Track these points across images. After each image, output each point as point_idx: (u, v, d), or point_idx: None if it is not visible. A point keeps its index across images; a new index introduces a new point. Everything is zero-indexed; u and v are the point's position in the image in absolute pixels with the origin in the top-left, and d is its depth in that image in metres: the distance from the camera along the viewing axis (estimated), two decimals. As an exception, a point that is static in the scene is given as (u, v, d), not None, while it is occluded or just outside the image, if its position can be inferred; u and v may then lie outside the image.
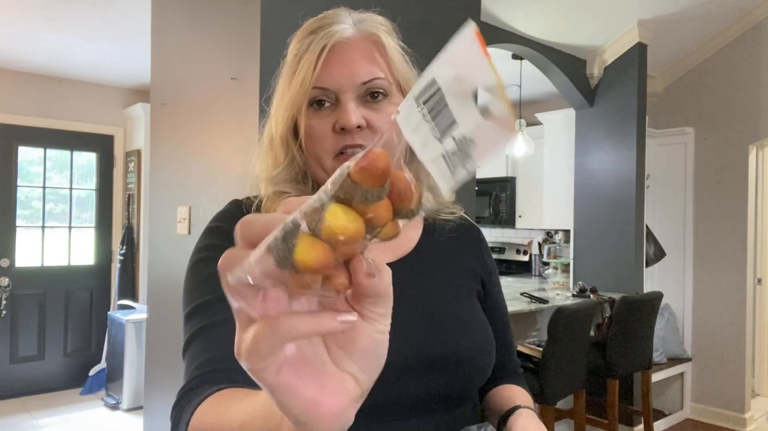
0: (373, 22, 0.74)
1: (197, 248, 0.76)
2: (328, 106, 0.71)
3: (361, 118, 0.69)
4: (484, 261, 0.87)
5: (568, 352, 2.78)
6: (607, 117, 3.93)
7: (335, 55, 0.70)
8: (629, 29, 3.69)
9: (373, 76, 0.70)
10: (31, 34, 3.57)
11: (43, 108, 4.50)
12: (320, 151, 0.71)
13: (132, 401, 4.07)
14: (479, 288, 0.83)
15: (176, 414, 0.61)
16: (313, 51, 0.69)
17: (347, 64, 0.70)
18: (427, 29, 2.21)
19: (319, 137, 0.71)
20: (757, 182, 4.20)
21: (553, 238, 5.09)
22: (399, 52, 0.75)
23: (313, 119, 0.71)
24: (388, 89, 0.72)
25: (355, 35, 0.71)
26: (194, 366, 0.64)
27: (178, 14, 2.31)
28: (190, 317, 0.69)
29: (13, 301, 4.35)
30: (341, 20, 0.72)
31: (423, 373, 0.69)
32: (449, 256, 0.82)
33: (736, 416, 3.94)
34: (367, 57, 0.71)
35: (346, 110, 0.69)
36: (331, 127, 0.70)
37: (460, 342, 0.72)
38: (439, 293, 0.77)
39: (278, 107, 0.74)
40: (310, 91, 0.70)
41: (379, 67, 0.71)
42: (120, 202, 4.93)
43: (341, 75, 0.69)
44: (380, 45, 0.72)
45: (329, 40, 0.69)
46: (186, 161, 2.25)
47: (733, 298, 3.97)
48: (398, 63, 0.74)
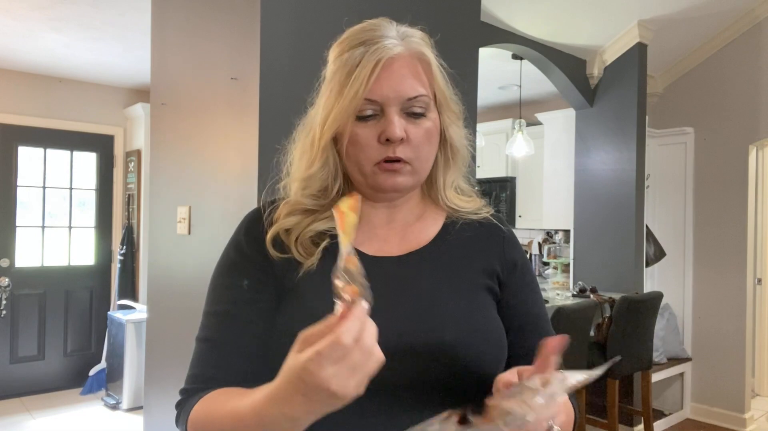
0: (418, 39, 0.79)
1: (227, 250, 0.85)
2: (373, 116, 0.75)
3: (404, 131, 0.75)
4: (505, 258, 0.86)
5: (567, 352, 2.77)
6: (607, 117, 3.93)
7: (385, 70, 0.74)
8: (629, 29, 3.69)
9: (418, 93, 0.76)
10: (31, 34, 3.57)
11: (43, 108, 4.51)
12: (363, 158, 0.76)
13: (132, 401, 4.08)
14: (492, 284, 0.83)
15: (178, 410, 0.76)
16: (366, 65, 0.73)
17: (396, 80, 0.75)
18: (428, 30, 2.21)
19: (363, 145, 0.75)
20: (757, 182, 4.20)
21: (553, 238, 5.09)
22: (440, 70, 0.81)
23: (359, 127, 0.75)
24: (428, 106, 0.78)
25: (404, 52, 0.76)
26: (192, 373, 0.78)
27: (178, 14, 2.31)
28: (206, 316, 0.81)
29: (13, 301, 4.35)
30: (388, 33, 0.76)
31: (404, 358, 0.71)
32: (461, 252, 0.84)
33: (736, 416, 3.94)
34: (415, 74, 0.76)
35: (391, 122, 0.74)
36: (376, 137, 0.75)
37: (446, 331, 0.74)
38: (438, 286, 0.79)
39: (326, 116, 0.77)
40: (361, 103, 0.74)
41: (423, 84, 0.77)
42: (120, 202, 4.93)
43: (390, 89, 0.74)
44: (426, 64, 0.78)
45: (382, 55, 0.74)
46: (186, 161, 2.25)
47: (733, 298, 3.97)
48: (440, 80, 0.80)
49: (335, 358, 0.51)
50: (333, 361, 0.51)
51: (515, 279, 0.86)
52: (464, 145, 0.85)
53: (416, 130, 0.76)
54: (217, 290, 0.81)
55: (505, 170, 5.32)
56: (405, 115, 0.76)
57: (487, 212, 0.88)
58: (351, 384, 0.52)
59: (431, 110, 0.78)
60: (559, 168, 4.38)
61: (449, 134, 0.82)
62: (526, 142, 4.25)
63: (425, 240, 0.84)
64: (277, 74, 1.84)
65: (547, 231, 5.10)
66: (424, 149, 0.77)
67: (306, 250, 0.78)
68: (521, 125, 4.33)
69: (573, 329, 2.79)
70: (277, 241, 0.79)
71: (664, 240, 4.17)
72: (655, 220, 4.26)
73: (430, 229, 0.85)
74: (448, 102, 0.81)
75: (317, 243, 0.78)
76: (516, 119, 4.49)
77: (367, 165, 0.76)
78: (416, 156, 0.76)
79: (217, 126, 2.05)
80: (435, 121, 0.79)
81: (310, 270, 0.76)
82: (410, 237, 0.83)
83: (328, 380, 0.51)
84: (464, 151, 0.85)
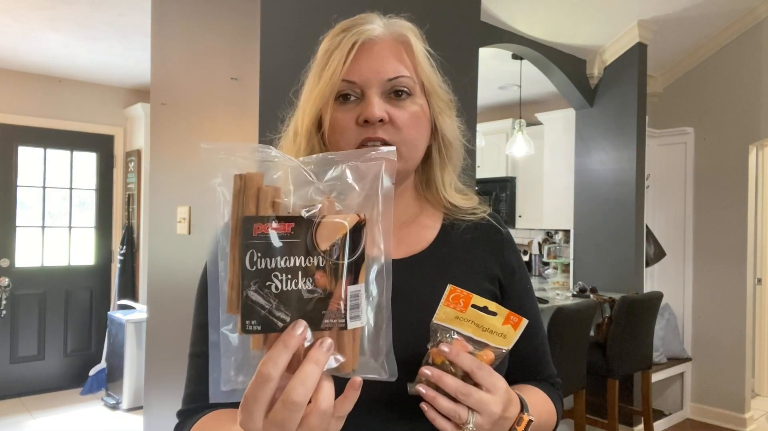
0: (402, 25, 0.77)
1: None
2: (354, 99, 0.73)
3: (384, 112, 0.72)
4: (505, 262, 0.84)
5: (568, 352, 2.78)
6: (607, 117, 3.93)
7: (365, 51, 0.73)
8: (629, 29, 3.69)
9: (399, 74, 0.73)
10: (31, 34, 3.57)
11: (43, 108, 4.51)
12: (343, 143, 0.73)
13: (132, 401, 4.07)
14: (493, 289, 0.82)
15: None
16: (344, 47, 0.72)
17: (375, 61, 0.73)
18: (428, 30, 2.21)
19: (342, 129, 0.73)
20: (757, 182, 4.20)
21: (553, 238, 5.09)
22: (426, 55, 0.78)
23: (338, 112, 0.73)
24: (413, 88, 0.75)
25: (385, 34, 0.75)
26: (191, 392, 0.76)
27: (178, 14, 2.31)
28: (197, 329, 0.78)
29: (13, 301, 4.36)
30: (372, 21, 0.76)
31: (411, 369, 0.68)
32: (462, 257, 0.82)
33: (736, 416, 3.94)
34: (395, 55, 0.74)
35: (370, 103, 0.71)
36: (354, 119, 0.72)
37: None
38: (440, 292, 0.77)
39: (306, 101, 0.76)
40: (338, 84, 0.72)
41: (406, 66, 0.75)
42: (120, 202, 4.93)
43: (369, 70, 0.72)
44: (408, 46, 0.76)
45: (360, 36, 0.73)
46: (186, 161, 2.25)
47: (733, 298, 3.97)
48: (424, 64, 0.77)
49: (291, 427, 0.47)
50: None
51: (515, 286, 0.85)
52: (457, 137, 0.82)
53: (400, 112, 0.73)
54: (206, 300, 0.78)
55: (505, 170, 5.32)
56: (388, 98, 0.73)
57: (483, 212, 0.86)
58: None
59: (417, 95, 0.75)
60: (559, 168, 4.38)
61: (440, 124, 0.79)
62: (526, 142, 4.25)
63: (424, 243, 0.81)
64: (277, 74, 1.84)
65: (547, 231, 5.10)
66: (410, 133, 0.74)
67: None
68: (521, 125, 4.33)
69: (573, 329, 2.79)
70: None
71: (664, 240, 4.17)
72: (655, 220, 4.26)
73: (428, 231, 0.83)
74: (436, 88, 0.78)
75: None
76: (516, 119, 4.49)
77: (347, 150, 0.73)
78: (401, 139, 0.73)
79: (217, 126, 2.05)
80: (423, 107, 0.76)
81: None
82: (408, 240, 0.81)
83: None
84: (458, 144, 0.82)
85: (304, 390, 0.45)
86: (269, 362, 0.46)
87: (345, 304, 0.47)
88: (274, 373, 0.45)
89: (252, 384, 0.47)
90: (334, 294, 0.47)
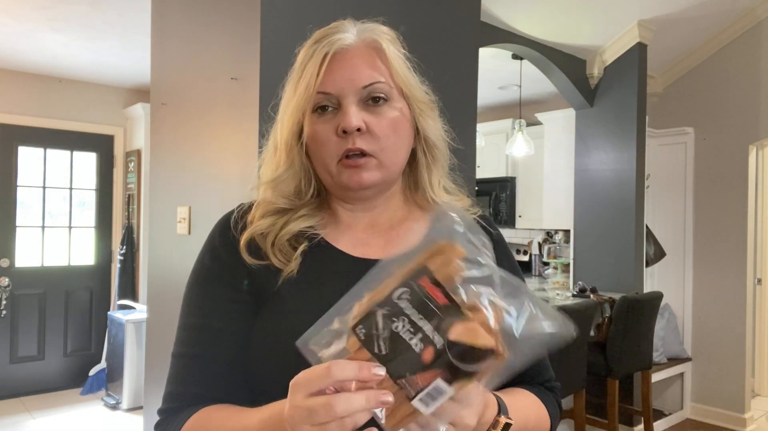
0: (375, 31, 0.77)
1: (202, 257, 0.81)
2: (331, 110, 0.73)
3: (361, 121, 0.71)
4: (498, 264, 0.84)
5: (568, 352, 2.78)
6: (607, 117, 3.93)
7: (337, 61, 0.73)
8: (629, 29, 3.69)
9: (374, 80, 0.73)
10: (31, 34, 3.57)
11: (43, 108, 4.51)
12: (325, 155, 0.74)
13: (132, 401, 4.07)
14: None
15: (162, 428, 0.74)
16: (316, 58, 0.73)
17: (348, 69, 0.73)
18: (428, 30, 2.21)
19: (322, 141, 0.73)
20: (757, 182, 4.20)
21: (553, 238, 5.09)
22: (400, 58, 0.77)
23: (317, 124, 0.73)
24: (389, 93, 0.74)
25: (357, 42, 0.75)
26: (173, 391, 0.76)
27: (178, 14, 2.31)
28: (182, 329, 0.78)
29: (13, 301, 4.36)
30: (345, 29, 0.75)
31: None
32: None
33: (736, 416, 3.94)
34: (368, 62, 0.74)
35: (347, 113, 0.71)
36: (333, 130, 0.72)
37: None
38: None
39: (284, 114, 0.76)
40: (314, 96, 0.72)
41: (380, 72, 0.74)
42: (120, 202, 4.93)
43: (343, 80, 0.72)
44: (381, 51, 0.75)
45: (331, 47, 0.73)
46: (186, 161, 2.25)
47: (733, 298, 3.97)
48: (399, 68, 0.76)
49: (315, 421, 0.50)
50: (312, 422, 0.50)
51: None
52: (441, 137, 0.81)
53: (378, 119, 0.73)
54: (193, 301, 0.78)
55: (505, 170, 5.32)
56: (365, 105, 0.73)
57: (474, 213, 0.85)
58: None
59: (395, 99, 0.75)
60: (559, 168, 4.38)
61: (422, 126, 0.78)
62: (526, 142, 4.25)
63: (414, 240, 0.80)
64: (277, 74, 1.83)
65: (547, 231, 5.10)
66: (389, 140, 0.73)
67: (285, 256, 0.74)
68: (521, 125, 4.33)
69: (573, 329, 2.79)
70: (253, 247, 0.75)
71: (664, 240, 4.17)
72: (655, 220, 4.26)
73: (416, 232, 0.81)
74: (414, 91, 0.77)
75: (295, 246, 0.75)
76: (516, 119, 4.49)
77: (330, 162, 0.73)
78: (381, 147, 0.73)
79: (217, 126, 2.05)
80: (402, 110, 0.75)
81: (291, 276, 0.73)
82: (396, 241, 0.80)
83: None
84: (442, 144, 0.81)
85: (345, 407, 0.49)
86: (341, 365, 0.50)
87: (425, 387, 0.51)
88: (337, 376, 0.49)
89: (316, 369, 0.51)
90: (427, 372, 0.51)
